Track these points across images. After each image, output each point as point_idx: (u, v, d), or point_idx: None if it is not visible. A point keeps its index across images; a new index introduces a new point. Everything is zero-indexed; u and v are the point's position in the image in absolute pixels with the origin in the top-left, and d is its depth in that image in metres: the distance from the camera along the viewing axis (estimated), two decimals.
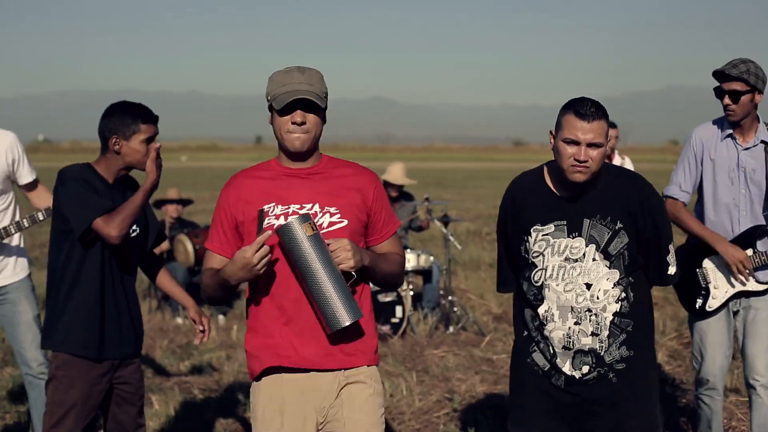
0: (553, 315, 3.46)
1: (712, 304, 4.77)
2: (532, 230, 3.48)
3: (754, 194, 4.71)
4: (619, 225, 3.41)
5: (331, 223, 3.26)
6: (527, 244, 3.49)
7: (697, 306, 4.81)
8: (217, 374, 7.38)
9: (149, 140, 4.03)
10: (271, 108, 3.28)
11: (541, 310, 3.49)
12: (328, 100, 3.32)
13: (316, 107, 3.24)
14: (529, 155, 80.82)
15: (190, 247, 9.62)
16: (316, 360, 3.25)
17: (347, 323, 3.13)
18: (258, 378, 3.33)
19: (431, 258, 9.33)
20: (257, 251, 3.07)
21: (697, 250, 4.83)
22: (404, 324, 8.61)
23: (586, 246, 3.41)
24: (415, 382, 7.00)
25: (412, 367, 7.57)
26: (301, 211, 3.22)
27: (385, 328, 8.60)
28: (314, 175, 3.32)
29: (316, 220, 3.22)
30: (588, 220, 3.42)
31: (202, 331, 4.18)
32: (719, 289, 4.77)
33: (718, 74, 4.66)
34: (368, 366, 3.33)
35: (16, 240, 5.06)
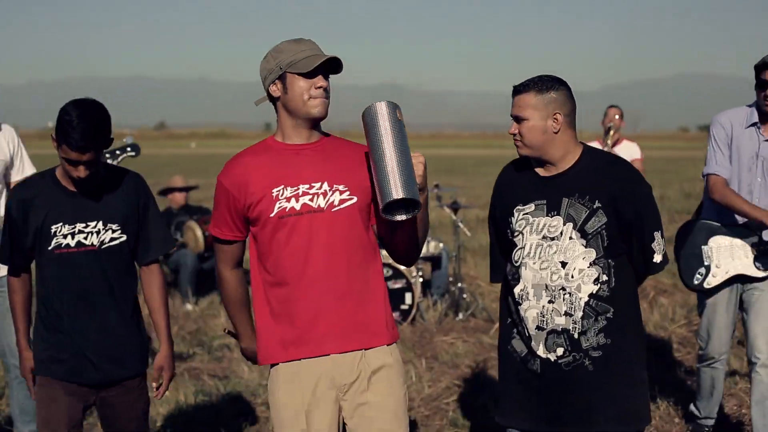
0: (528, 294, 3.47)
1: (711, 281, 4.93)
2: (514, 210, 3.54)
3: None
4: (597, 204, 3.40)
5: (341, 201, 3.20)
6: (511, 225, 3.55)
7: (695, 281, 4.97)
8: (226, 360, 7.41)
9: None
10: (282, 77, 3.17)
11: (517, 290, 3.51)
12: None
13: (335, 71, 3.18)
14: None
15: (199, 233, 9.64)
16: (334, 344, 3.18)
17: (403, 196, 2.97)
18: (274, 364, 3.23)
19: (441, 245, 9.32)
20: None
21: (706, 227, 4.95)
22: (413, 311, 8.61)
23: (564, 224, 3.43)
24: (425, 369, 7.01)
25: (421, 353, 7.58)
26: (311, 191, 3.17)
27: (395, 315, 8.59)
28: (320, 152, 3.24)
29: (326, 199, 3.18)
30: (566, 199, 3.44)
31: (157, 388, 3.84)
32: (720, 268, 4.91)
33: (760, 66, 4.67)
34: (389, 345, 3.27)
35: None
